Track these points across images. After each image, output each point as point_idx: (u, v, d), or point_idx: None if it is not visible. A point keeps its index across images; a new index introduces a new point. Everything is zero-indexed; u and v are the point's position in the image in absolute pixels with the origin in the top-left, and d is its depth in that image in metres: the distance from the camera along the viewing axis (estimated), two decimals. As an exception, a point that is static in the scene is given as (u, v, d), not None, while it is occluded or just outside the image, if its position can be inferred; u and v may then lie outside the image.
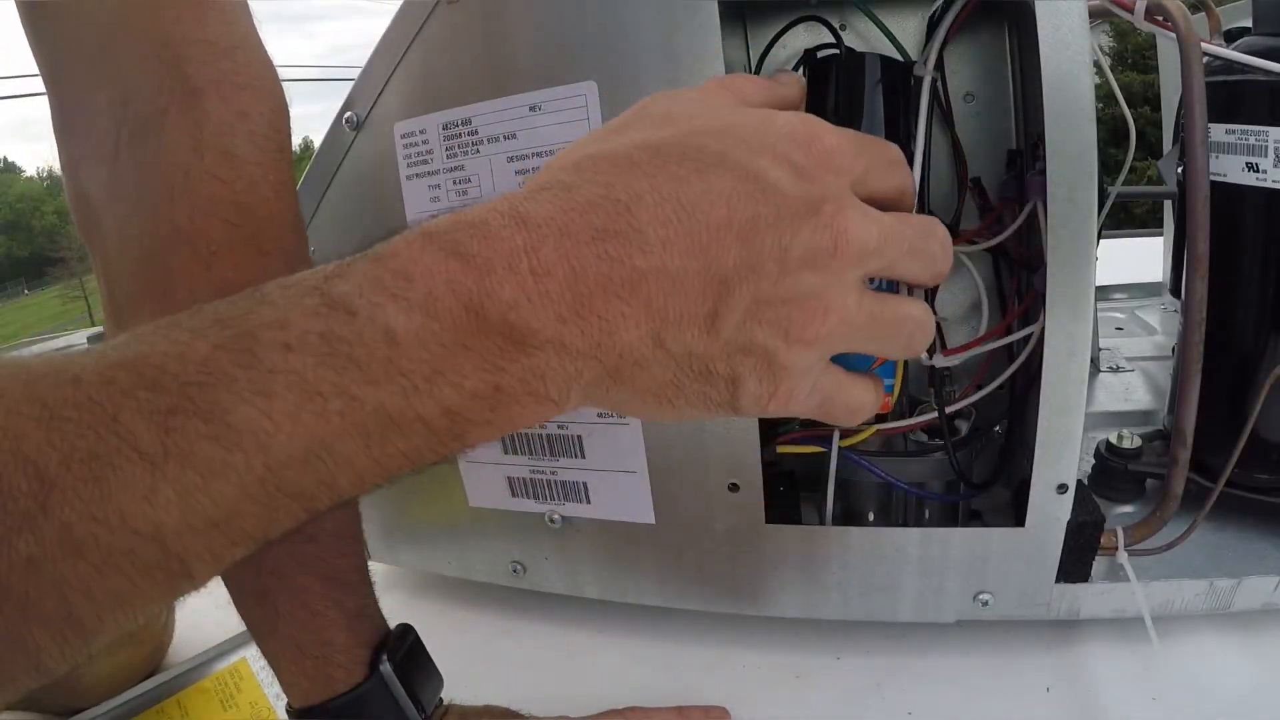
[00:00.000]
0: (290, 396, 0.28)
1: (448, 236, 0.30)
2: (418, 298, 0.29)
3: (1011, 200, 0.56)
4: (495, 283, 0.30)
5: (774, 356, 0.34)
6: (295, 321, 0.28)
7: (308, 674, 0.49)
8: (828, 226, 0.33)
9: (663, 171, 0.32)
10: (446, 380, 0.30)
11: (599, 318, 0.31)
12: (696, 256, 0.32)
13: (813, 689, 0.61)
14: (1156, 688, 0.56)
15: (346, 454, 0.29)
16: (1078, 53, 0.44)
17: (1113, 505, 0.66)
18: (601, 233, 0.31)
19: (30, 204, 49.42)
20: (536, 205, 0.31)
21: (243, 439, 0.27)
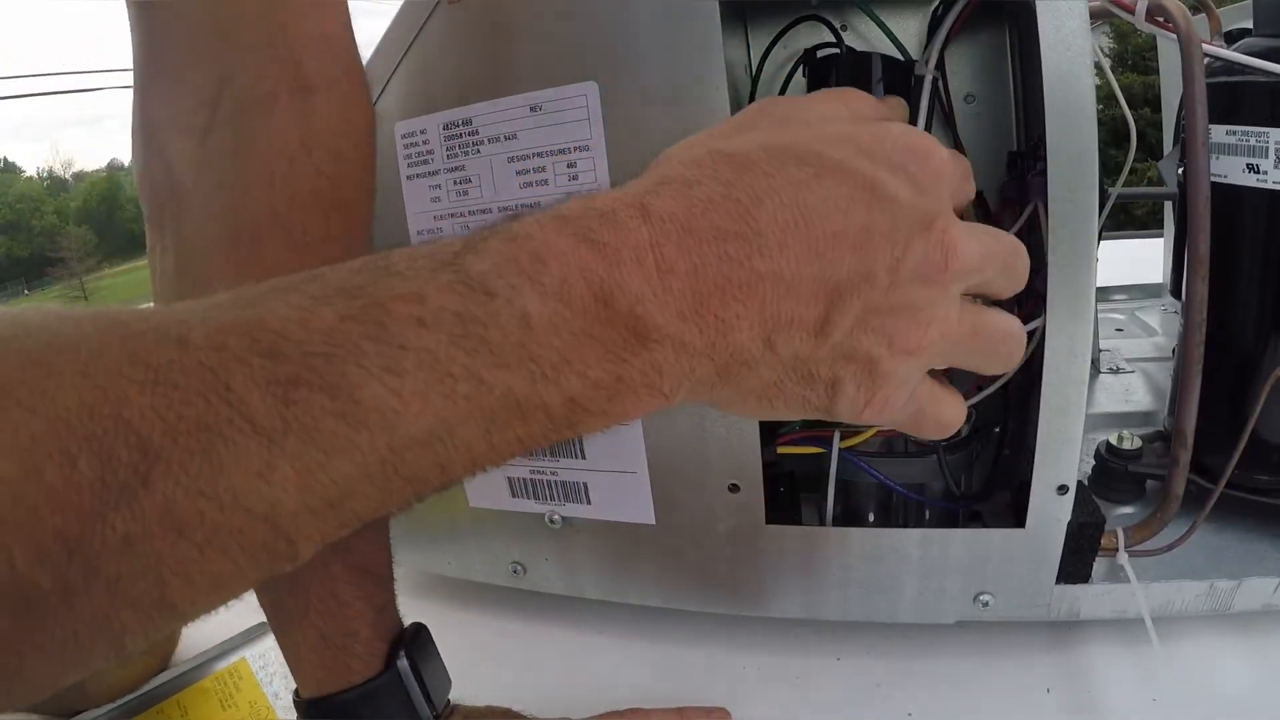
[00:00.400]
0: (421, 375, 0.27)
1: (580, 222, 0.30)
2: (552, 283, 0.29)
3: (1012, 201, 0.56)
4: (625, 274, 0.30)
5: (876, 364, 0.35)
6: (431, 296, 0.28)
7: (327, 664, 0.49)
8: (939, 242, 0.34)
9: (782, 174, 0.32)
10: (573, 369, 0.30)
11: (716, 317, 0.31)
12: (812, 262, 0.32)
13: (813, 690, 0.61)
14: (1157, 689, 0.56)
15: (466, 437, 0.29)
16: (1079, 53, 0.44)
17: (1113, 506, 0.66)
18: (722, 233, 0.31)
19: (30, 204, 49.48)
20: (660, 200, 0.31)
21: (369, 417, 0.26)
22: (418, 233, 0.60)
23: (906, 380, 0.36)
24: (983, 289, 0.38)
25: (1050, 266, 0.47)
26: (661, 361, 0.31)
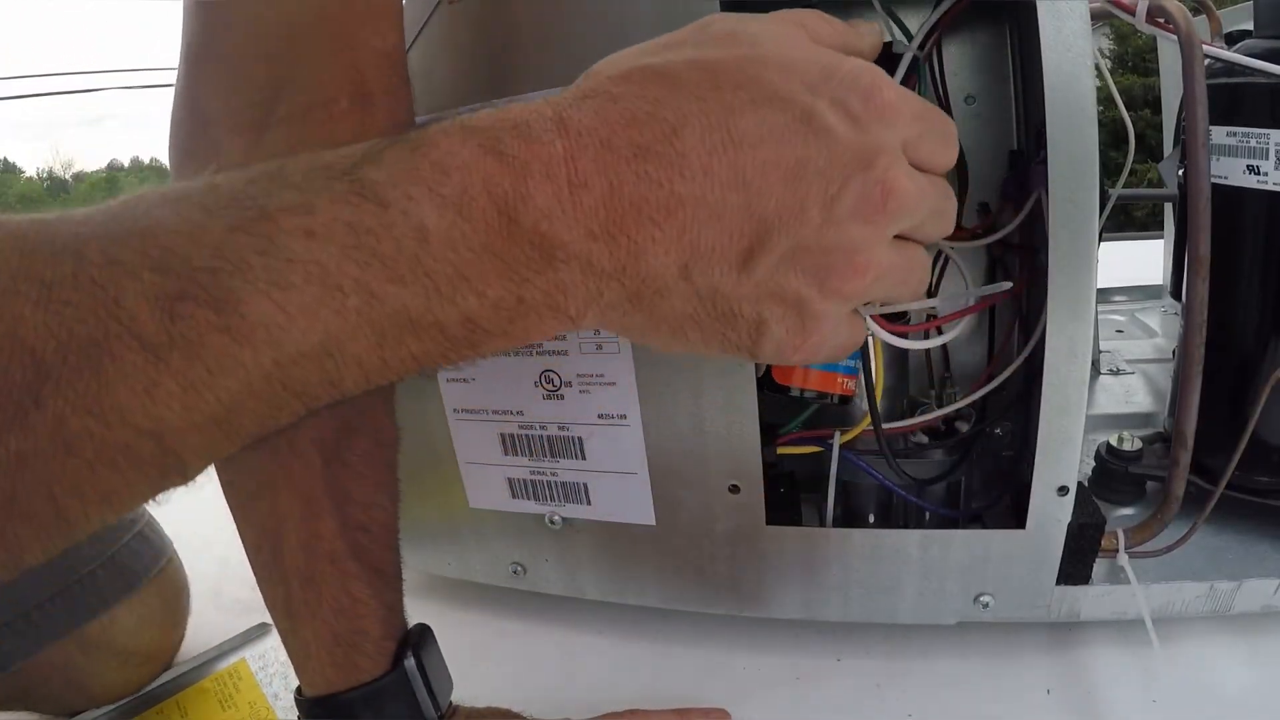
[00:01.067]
0: (309, 290, 0.26)
1: (488, 133, 0.29)
2: (452, 194, 0.28)
3: (1014, 199, 0.56)
4: (532, 188, 0.29)
5: (805, 305, 0.34)
6: (322, 208, 0.27)
7: (337, 662, 0.49)
8: (879, 181, 0.33)
9: (714, 96, 0.31)
10: (470, 287, 0.29)
11: (629, 239, 0.30)
12: (738, 191, 0.31)
13: (813, 691, 0.61)
14: (1157, 690, 0.56)
15: (357, 352, 0.28)
16: (1079, 54, 0.44)
17: (1113, 507, 0.66)
18: (643, 151, 0.30)
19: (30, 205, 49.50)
20: (580, 112, 0.30)
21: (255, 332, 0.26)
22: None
23: (839, 320, 0.35)
24: (914, 232, 0.36)
25: (1050, 267, 0.47)
26: (567, 282, 0.30)
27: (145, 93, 15.96)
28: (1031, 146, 0.55)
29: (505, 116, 0.30)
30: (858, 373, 0.49)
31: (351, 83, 0.46)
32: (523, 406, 0.60)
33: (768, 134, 0.31)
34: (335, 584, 0.49)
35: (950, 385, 0.60)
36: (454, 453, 0.65)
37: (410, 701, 0.50)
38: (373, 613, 0.50)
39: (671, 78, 0.31)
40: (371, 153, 0.29)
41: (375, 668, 0.50)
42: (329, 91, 0.46)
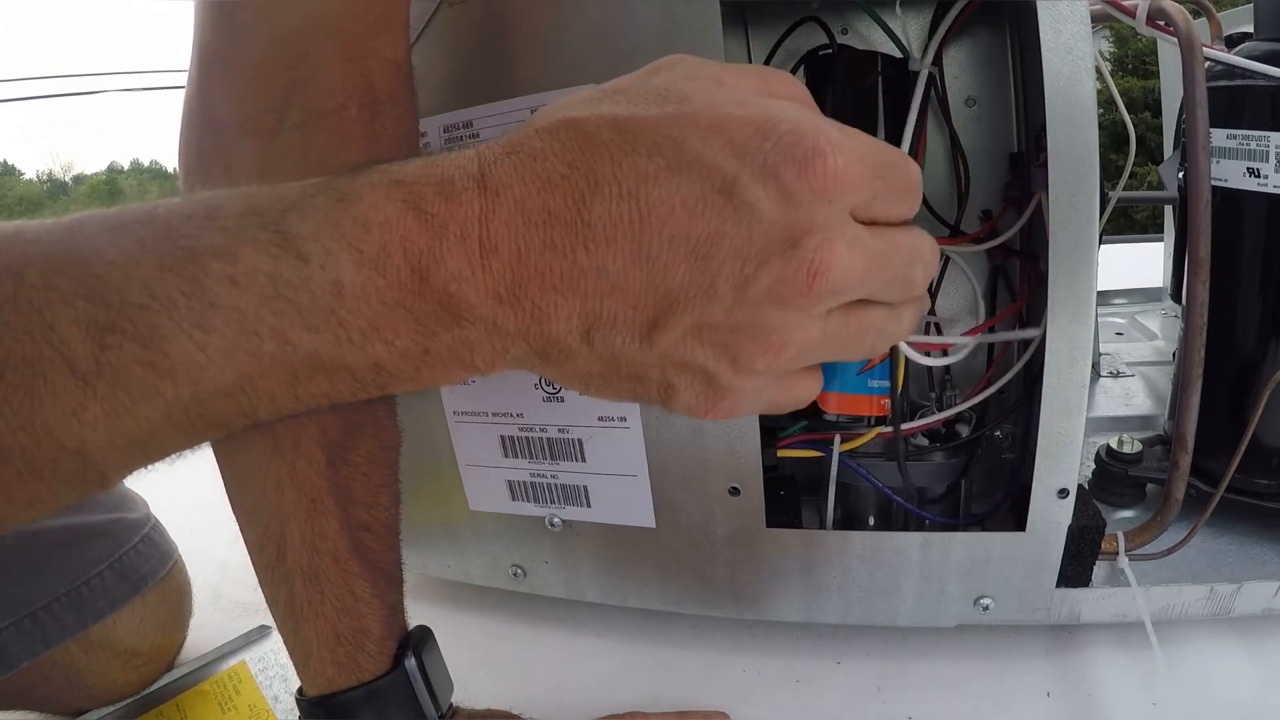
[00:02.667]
0: (228, 333, 0.28)
1: (413, 188, 0.30)
2: (371, 250, 0.29)
3: (1015, 200, 0.57)
4: (445, 250, 0.29)
5: (714, 378, 0.33)
6: (245, 256, 0.28)
7: (339, 661, 0.49)
8: (805, 262, 0.30)
9: (629, 161, 0.30)
10: (380, 336, 0.30)
11: (533, 303, 0.31)
12: (642, 265, 0.30)
13: (813, 693, 0.61)
14: (1157, 692, 0.56)
15: (271, 390, 0.30)
16: (1080, 56, 0.44)
17: (1113, 510, 0.66)
18: (553, 217, 0.30)
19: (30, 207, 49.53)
20: (501, 169, 0.31)
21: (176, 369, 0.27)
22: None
23: (757, 391, 0.34)
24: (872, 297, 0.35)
25: (1051, 270, 0.47)
26: (473, 339, 0.31)
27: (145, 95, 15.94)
28: (1032, 149, 0.55)
29: (432, 170, 0.31)
30: (887, 393, 0.49)
31: (361, 90, 0.47)
32: (523, 409, 0.60)
33: (679, 206, 0.30)
34: (339, 582, 0.49)
35: (950, 388, 0.60)
36: (454, 455, 0.65)
37: (411, 701, 0.50)
38: (375, 611, 0.50)
39: (592, 138, 0.31)
40: (301, 200, 0.30)
41: (377, 667, 0.50)
42: (339, 99, 0.46)
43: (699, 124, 0.30)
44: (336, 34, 0.46)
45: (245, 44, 0.46)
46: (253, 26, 0.46)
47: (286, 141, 0.46)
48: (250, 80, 0.46)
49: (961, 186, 0.59)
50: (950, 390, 0.60)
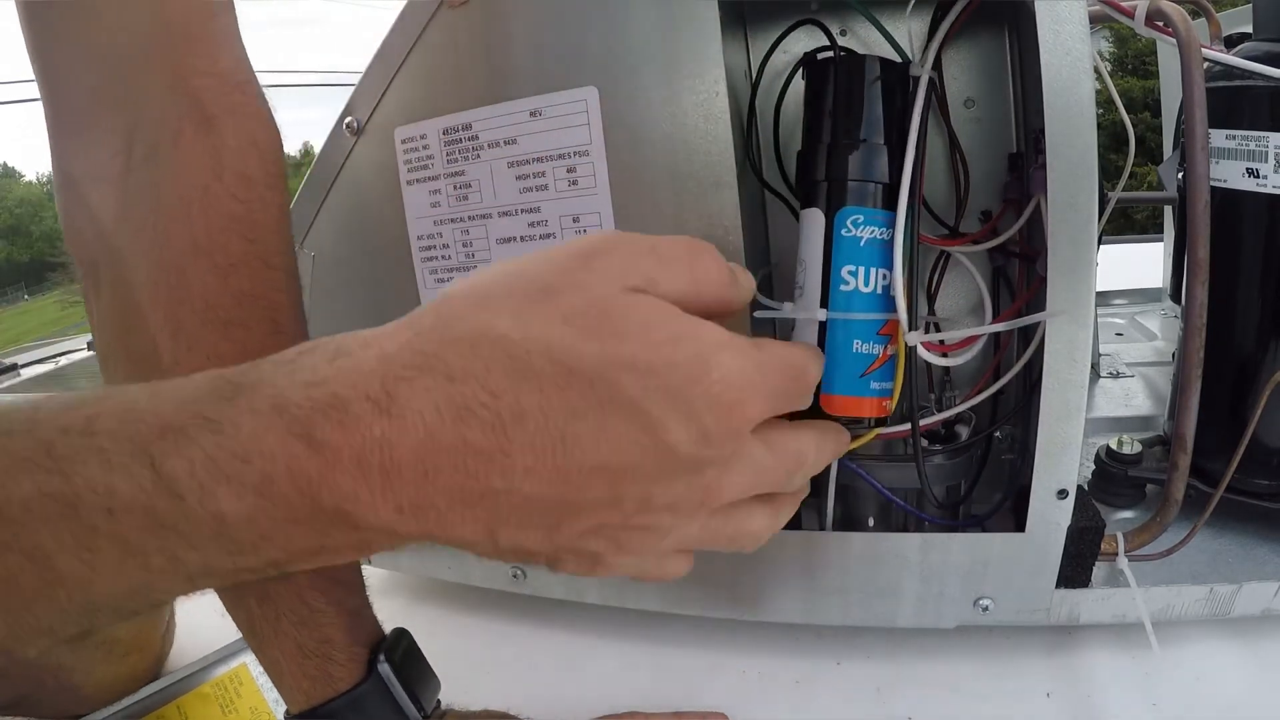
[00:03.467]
0: (113, 552, 0.28)
1: (301, 419, 0.29)
2: (253, 479, 0.29)
3: (1014, 202, 0.57)
4: (339, 477, 0.29)
5: (600, 559, 0.35)
6: (121, 491, 0.28)
7: (309, 674, 0.49)
8: (703, 488, 0.34)
9: (559, 396, 0.31)
10: (273, 545, 0.30)
11: (438, 515, 0.31)
12: (557, 487, 0.31)
13: (812, 694, 0.61)
14: (1156, 693, 0.56)
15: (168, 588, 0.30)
16: (1079, 57, 0.44)
17: (1113, 511, 0.66)
18: (468, 447, 0.30)
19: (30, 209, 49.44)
20: (410, 391, 0.30)
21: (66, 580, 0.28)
22: (418, 237, 0.60)
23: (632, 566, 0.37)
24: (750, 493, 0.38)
25: (1050, 271, 0.47)
26: (371, 541, 0.31)
27: (145, 96, 15.92)
28: (1031, 150, 0.55)
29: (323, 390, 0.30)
30: (889, 394, 0.49)
31: (192, 111, 0.48)
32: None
33: (603, 440, 0.31)
34: (290, 596, 0.49)
35: (950, 389, 0.60)
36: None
37: (392, 706, 0.50)
38: (334, 620, 0.50)
39: (520, 364, 0.31)
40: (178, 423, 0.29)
41: (350, 675, 0.50)
42: (172, 125, 0.48)
43: (637, 367, 0.31)
44: (153, 62, 0.47)
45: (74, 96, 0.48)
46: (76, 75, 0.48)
47: (136, 180, 0.48)
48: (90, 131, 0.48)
49: (961, 188, 0.59)
50: (950, 391, 0.60)
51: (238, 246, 0.49)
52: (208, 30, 0.49)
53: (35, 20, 0.48)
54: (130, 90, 0.48)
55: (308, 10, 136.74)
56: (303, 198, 0.64)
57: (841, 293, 0.47)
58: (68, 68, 0.48)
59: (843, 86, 0.48)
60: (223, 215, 0.48)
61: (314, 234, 0.64)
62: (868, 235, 0.47)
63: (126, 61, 0.47)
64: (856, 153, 0.47)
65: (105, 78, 0.48)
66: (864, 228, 0.47)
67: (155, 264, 0.48)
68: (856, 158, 0.47)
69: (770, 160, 0.58)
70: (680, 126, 0.50)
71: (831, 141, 0.48)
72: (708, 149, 0.50)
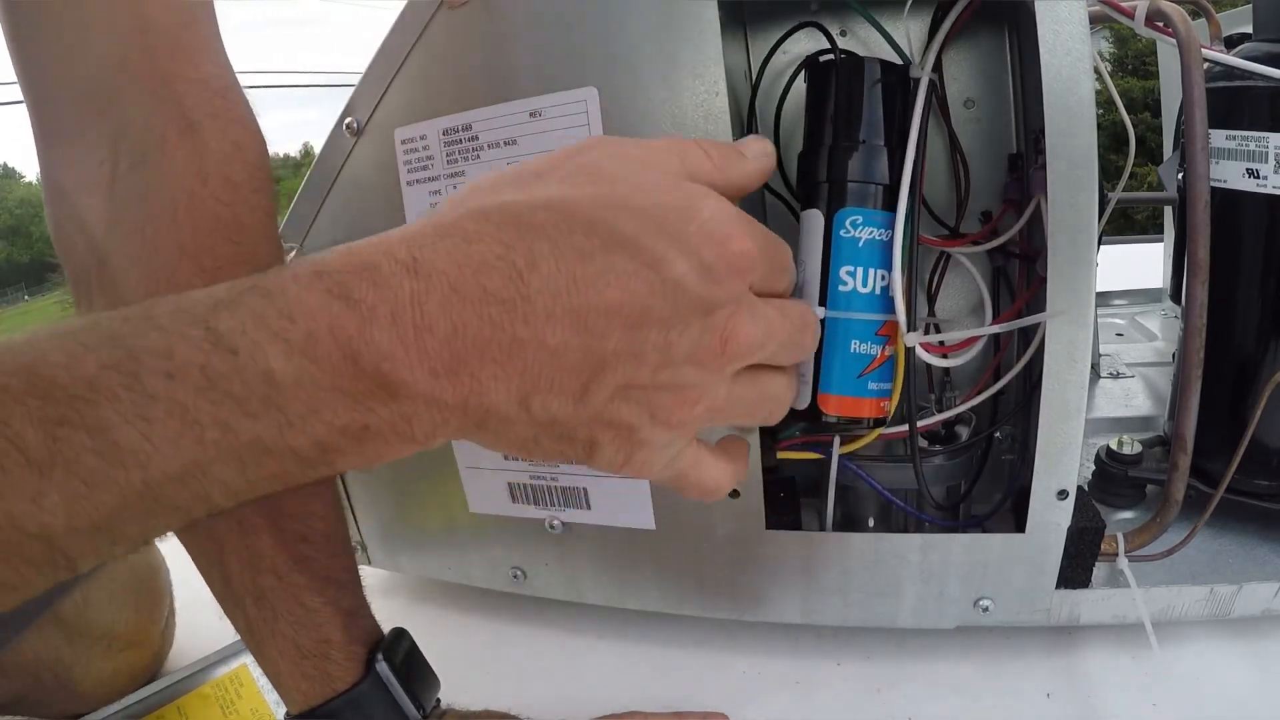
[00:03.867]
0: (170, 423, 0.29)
1: (337, 278, 0.31)
2: (299, 339, 0.30)
3: (1014, 202, 0.57)
4: (376, 331, 0.30)
5: (635, 432, 0.36)
6: (179, 351, 0.29)
7: (307, 675, 0.49)
8: (720, 328, 0.35)
9: (566, 240, 0.32)
10: (319, 418, 0.31)
11: (471, 376, 0.32)
12: (579, 334, 0.33)
13: (813, 695, 0.61)
14: (1157, 694, 0.56)
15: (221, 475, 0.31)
16: (1078, 57, 0.44)
17: (1113, 511, 0.66)
18: (490, 295, 0.31)
19: (30, 209, 49.39)
20: (433, 254, 0.32)
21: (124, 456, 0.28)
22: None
23: (667, 446, 0.37)
24: (764, 362, 0.39)
25: (1050, 271, 0.47)
26: (411, 413, 0.32)
27: (146, 97, 15.92)
28: (1031, 150, 0.55)
29: (357, 257, 0.32)
30: (888, 395, 0.49)
31: (175, 117, 0.49)
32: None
33: (614, 280, 0.33)
34: (286, 597, 0.49)
35: (950, 389, 0.60)
36: (455, 458, 0.65)
37: (391, 705, 0.50)
38: (331, 620, 0.50)
39: (526, 220, 0.33)
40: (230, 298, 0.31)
41: (348, 675, 0.50)
42: (157, 131, 0.48)
43: (631, 206, 0.33)
44: (136, 70, 0.48)
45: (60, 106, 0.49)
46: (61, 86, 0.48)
47: (124, 188, 0.48)
48: (78, 140, 0.49)
49: (961, 189, 0.59)
50: (950, 391, 0.60)
51: (224, 249, 0.49)
52: (189, 37, 0.50)
53: (19, 32, 0.49)
54: (115, 99, 0.48)
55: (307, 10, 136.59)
56: (302, 198, 0.64)
57: (839, 292, 0.47)
58: (53, 79, 0.49)
59: (843, 89, 0.48)
60: (208, 219, 0.49)
61: (314, 235, 0.64)
62: (866, 236, 0.47)
63: (110, 70, 0.48)
64: (857, 154, 0.47)
65: (90, 87, 0.48)
66: (863, 228, 0.47)
67: (144, 269, 0.49)
68: (857, 159, 0.47)
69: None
70: (680, 127, 0.50)
71: (832, 143, 0.48)
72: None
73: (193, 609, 0.73)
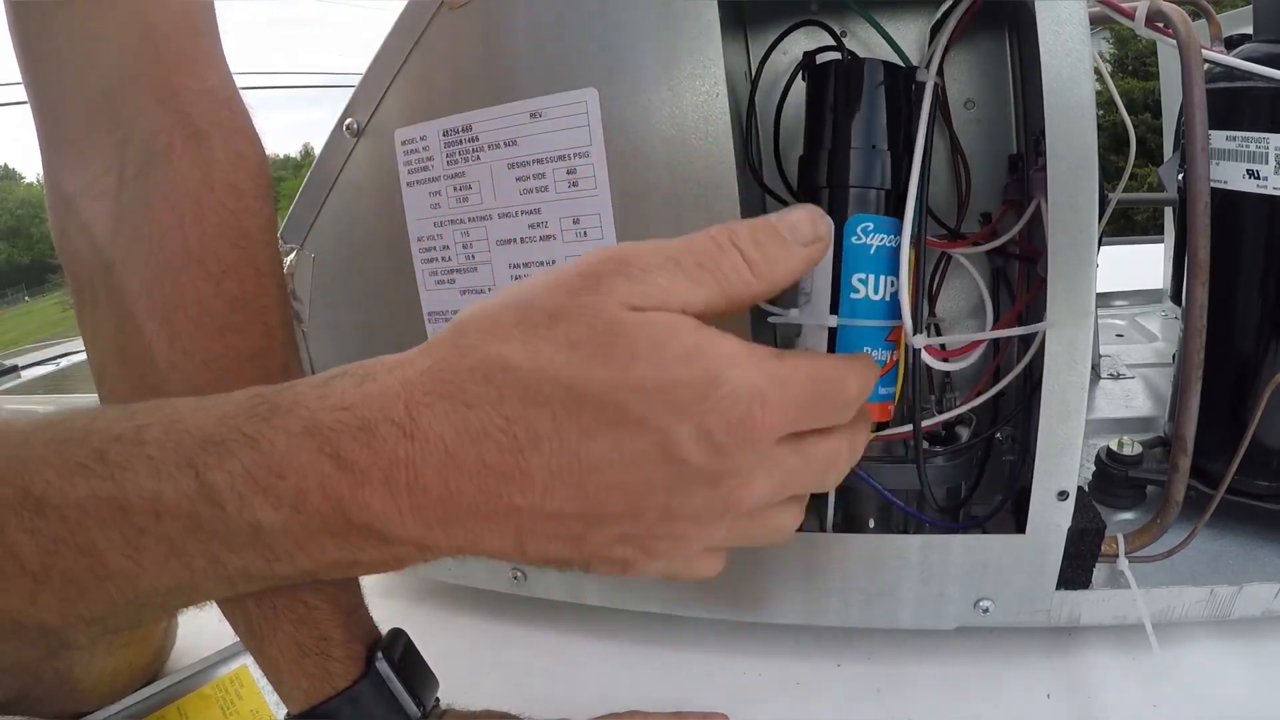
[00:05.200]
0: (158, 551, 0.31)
1: (330, 437, 0.32)
2: (288, 493, 0.31)
3: (1015, 203, 0.56)
4: (369, 495, 0.31)
5: (630, 564, 0.37)
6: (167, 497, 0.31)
7: (308, 673, 0.49)
8: (724, 499, 0.35)
9: (572, 420, 0.32)
10: (307, 554, 0.33)
11: (466, 531, 0.33)
12: (578, 503, 0.33)
13: (813, 696, 0.61)
14: (1157, 695, 0.56)
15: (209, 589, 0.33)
16: (1079, 58, 0.44)
17: (1113, 512, 0.66)
18: (488, 468, 0.32)
19: (31, 210, 49.42)
20: (431, 419, 0.32)
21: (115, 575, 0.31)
22: (418, 239, 0.60)
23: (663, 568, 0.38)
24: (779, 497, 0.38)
25: (1050, 272, 0.47)
26: (403, 555, 0.34)
27: (146, 98, 15.88)
28: (1031, 151, 0.55)
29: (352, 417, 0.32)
30: (893, 398, 0.49)
31: (181, 126, 0.50)
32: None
33: (618, 460, 0.32)
34: (287, 595, 0.49)
35: (950, 390, 0.60)
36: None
37: (390, 703, 0.50)
38: (332, 617, 0.50)
39: (533, 392, 0.32)
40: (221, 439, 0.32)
41: (348, 672, 0.50)
42: (163, 140, 0.49)
43: (645, 388, 0.32)
44: (143, 81, 0.49)
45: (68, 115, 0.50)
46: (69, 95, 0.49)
47: (130, 194, 0.49)
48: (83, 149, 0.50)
49: (962, 190, 0.59)
50: (950, 393, 0.60)
51: (229, 254, 0.50)
52: (195, 49, 0.51)
53: (29, 42, 0.49)
54: (122, 108, 0.49)
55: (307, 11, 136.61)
56: (302, 199, 0.64)
57: (852, 300, 0.47)
58: (61, 87, 0.50)
59: (845, 91, 0.48)
60: (214, 224, 0.50)
61: (314, 235, 0.64)
62: (877, 243, 0.47)
63: (118, 80, 0.49)
64: (860, 158, 0.47)
65: (98, 96, 0.49)
66: (874, 235, 0.47)
67: (150, 273, 0.49)
68: (860, 163, 0.47)
69: (770, 163, 0.58)
70: (680, 128, 0.50)
71: (834, 147, 0.48)
72: (708, 150, 0.50)
73: (194, 609, 0.73)
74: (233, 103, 0.53)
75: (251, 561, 0.32)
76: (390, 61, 0.57)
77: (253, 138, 0.54)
